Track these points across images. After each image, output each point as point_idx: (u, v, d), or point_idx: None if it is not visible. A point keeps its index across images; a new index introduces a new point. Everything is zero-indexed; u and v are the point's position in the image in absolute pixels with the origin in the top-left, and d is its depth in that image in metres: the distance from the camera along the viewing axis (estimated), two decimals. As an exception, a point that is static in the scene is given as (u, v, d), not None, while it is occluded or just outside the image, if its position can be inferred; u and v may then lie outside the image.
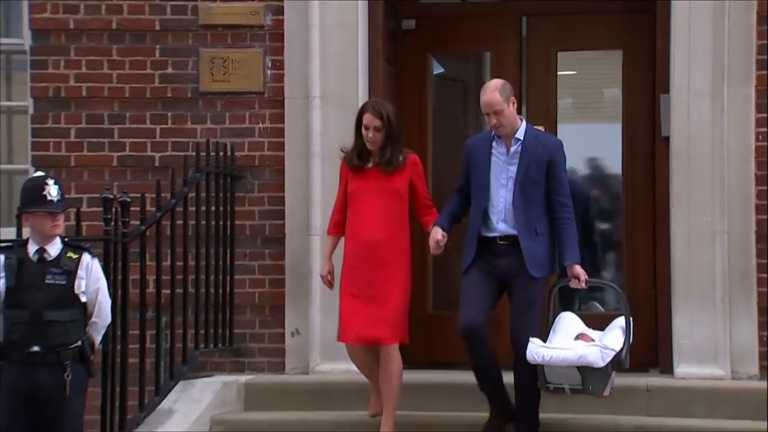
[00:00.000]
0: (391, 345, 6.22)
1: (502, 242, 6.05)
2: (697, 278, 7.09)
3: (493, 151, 6.11)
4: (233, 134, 7.43)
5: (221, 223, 7.24)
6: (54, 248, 5.85)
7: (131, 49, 7.48)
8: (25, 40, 7.60)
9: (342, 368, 7.00)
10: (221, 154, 7.24)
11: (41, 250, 5.83)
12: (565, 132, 7.83)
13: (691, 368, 7.00)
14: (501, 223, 6.05)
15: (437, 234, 6.13)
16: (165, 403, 6.74)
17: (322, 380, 7.14)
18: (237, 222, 7.39)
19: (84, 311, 5.83)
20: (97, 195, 6.54)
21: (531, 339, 5.85)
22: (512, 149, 6.06)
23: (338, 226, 6.46)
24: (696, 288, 7.08)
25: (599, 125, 8.32)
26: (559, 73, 7.92)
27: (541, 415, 6.23)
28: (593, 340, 5.98)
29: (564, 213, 6.03)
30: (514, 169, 6.04)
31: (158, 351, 6.69)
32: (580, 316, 6.35)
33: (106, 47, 7.47)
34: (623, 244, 7.85)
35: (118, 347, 6.23)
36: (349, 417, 6.66)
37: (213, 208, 7.14)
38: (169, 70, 7.48)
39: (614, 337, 5.94)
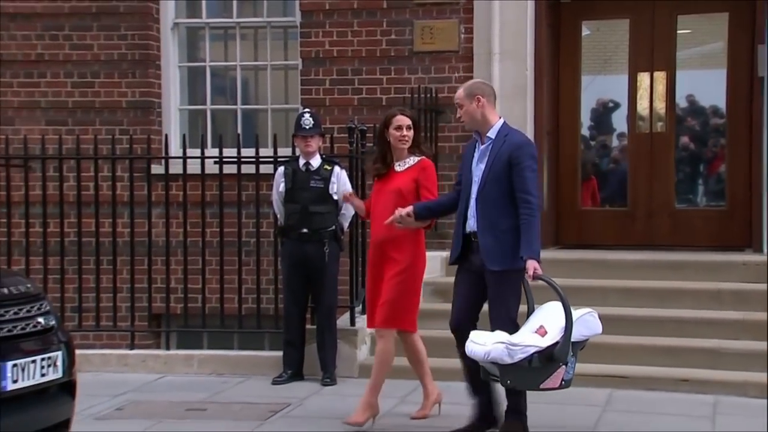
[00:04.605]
0: (382, 328, 4.85)
1: (474, 239, 4.54)
2: (783, 183, 6.72)
3: (475, 150, 4.62)
4: (437, 81, 7.34)
5: (429, 144, 7.19)
6: (315, 162, 5.99)
7: (366, 22, 7.44)
8: (297, 18, 7.65)
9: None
10: (428, 95, 7.19)
11: (307, 164, 5.98)
12: (682, 77, 7.50)
13: (776, 248, 6.68)
14: (471, 219, 4.54)
15: (404, 210, 4.65)
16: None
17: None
18: (439, 144, 7.33)
19: (336, 206, 5.96)
20: (344, 125, 6.63)
21: (472, 332, 4.40)
22: (482, 148, 4.56)
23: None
24: (782, 189, 6.73)
25: (708, 71, 7.85)
26: (678, 31, 7.49)
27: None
28: (547, 334, 4.31)
29: (523, 209, 4.40)
30: (482, 167, 4.52)
31: (386, 233, 6.74)
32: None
33: (349, 21, 7.46)
34: (727, 160, 7.45)
35: (359, 231, 6.28)
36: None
37: (423, 134, 7.09)
38: (393, 36, 7.42)
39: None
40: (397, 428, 4.86)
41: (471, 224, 4.54)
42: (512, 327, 4.41)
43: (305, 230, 5.87)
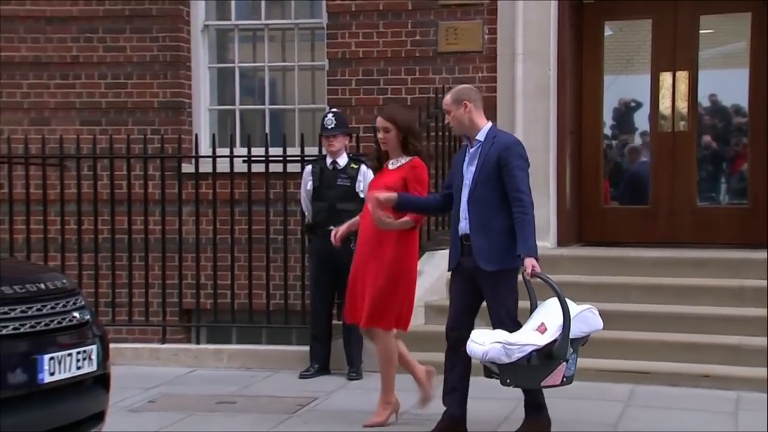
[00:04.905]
0: (373, 328, 4.77)
1: (466, 242, 4.45)
2: (804, 180, 6.65)
3: (465, 154, 4.56)
4: (461, 81, 7.19)
5: (453, 143, 7.19)
6: (342, 160, 6.00)
7: (392, 23, 7.46)
8: (323, 19, 7.68)
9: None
10: (453, 95, 7.18)
11: (334, 162, 6.00)
12: (704, 77, 7.44)
13: (798, 246, 6.59)
14: (463, 222, 4.46)
15: (384, 195, 4.59)
16: (417, 266, 6.79)
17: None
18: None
19: (362, 203, 5.93)
20: (370, 125, 6.59)
21: (473, 331, 4.35)
22: (471, 151, 4.51)
23: None
24: (803, 187, 6.65)
25: (731, 70, 7.80)
26: (700, 31, 7.43)
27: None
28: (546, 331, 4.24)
29: (516, 207, 4.32)
30: (473, 169, 4.45)
31: (411, 231, 6.75)
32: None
33: (375, 23, 7.48)
34: (749, 158, 7.38)
35: (385, 227, 6.32)
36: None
37: (447, 134, 7.09)
38: (417, 37, 7.43)
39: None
40: (420, 422, 4.86)
41: (463, 227, 4.46)
42: (514, 326, 4.34)
43: (332, 227, 5.85)
